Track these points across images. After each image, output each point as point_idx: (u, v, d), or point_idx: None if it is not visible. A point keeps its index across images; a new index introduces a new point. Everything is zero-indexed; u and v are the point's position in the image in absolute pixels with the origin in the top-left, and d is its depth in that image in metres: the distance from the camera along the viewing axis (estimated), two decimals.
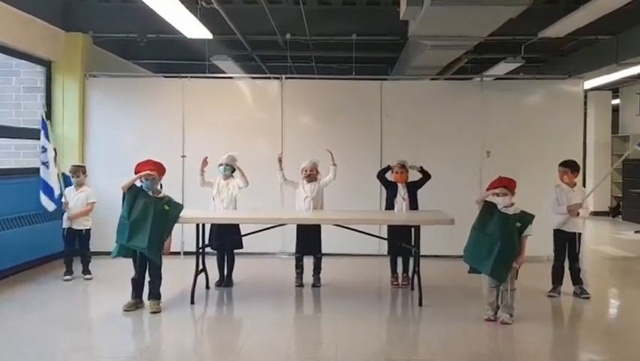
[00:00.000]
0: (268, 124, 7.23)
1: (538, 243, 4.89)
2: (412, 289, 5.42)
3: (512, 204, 4.46)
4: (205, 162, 5.50)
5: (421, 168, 5.53)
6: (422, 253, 5.06)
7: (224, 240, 5.49)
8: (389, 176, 5.66)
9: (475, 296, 5.06)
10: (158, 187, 4.83)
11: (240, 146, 6.89)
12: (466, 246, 4.51)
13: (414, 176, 5.68)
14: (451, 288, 5.57)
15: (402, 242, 5.31)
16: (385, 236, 5.76)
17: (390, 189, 5.61)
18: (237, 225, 5.52)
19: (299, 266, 5.65)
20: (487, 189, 4.53)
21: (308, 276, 5.66)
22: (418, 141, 7.12)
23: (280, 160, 5.48)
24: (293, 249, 5.71)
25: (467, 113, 7.15)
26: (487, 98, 7.13)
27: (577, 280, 5.26)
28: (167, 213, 4.70)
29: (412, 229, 5.36)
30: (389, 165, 5.63)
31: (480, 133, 7.12)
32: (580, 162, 5.58)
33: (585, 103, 10.07)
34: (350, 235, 5.49)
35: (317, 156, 5.81)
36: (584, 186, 9.18)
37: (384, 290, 5.62)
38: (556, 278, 5.29)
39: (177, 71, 7.57)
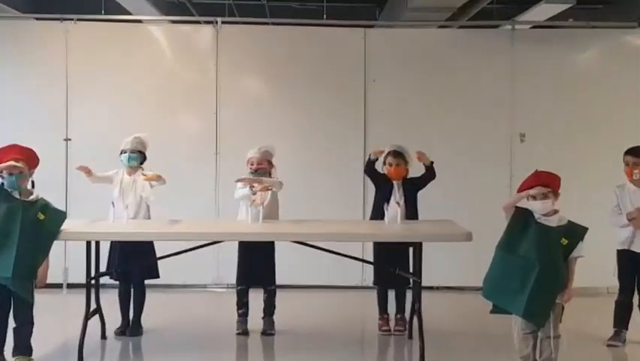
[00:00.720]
0: (196, 90, 7.24)
1: (594, 268, 4.99)
2: (410, 337, 5.43)
3: (556, 212, 4.51)
4: (87, 172, 5.50)
5: (432, 163, 5.58)
6: (425, 283, 5.07)
7: (131, 266, 5.46)
8: (380, 168, 5.72)
9: (502, 348, 5.09)
10: (28, 186, 4.76)
11: (153, 123, 6.91)
12: (489, 273, 4.55)
13: (416, 170, 5.70)
14: (466, 335, 5.58)
15: (395, 268, 5.34)
16: (371, 259, 5.78)
17: (382, 188, 5.66)
18: (150, 243, 5.48)
19: (242, 304, 5.64)
20: (520, 190, 4.58)
21: (256, 318, 5.65)
22: (418, 118, 7.19)
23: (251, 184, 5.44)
24: (233, 279, 5.73)
25: (492, 76, 7.23)
26: (521, 55, 7.21)
27: None
28: (43, 224, 4.62)
29: (411, 249, 5.35)
30: (372, 156, 5.63)
31: (510, 107, 7.23)
32: None
33: None
34: (319, 259, 5.50)
35: (272, 139, 5.81)
36: None
37: (369, 339, 5.60)
38: (621, 319, 5.39)
39: (58, 11, 7.43)
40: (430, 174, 5.60)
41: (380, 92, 7.22)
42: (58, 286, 6.89)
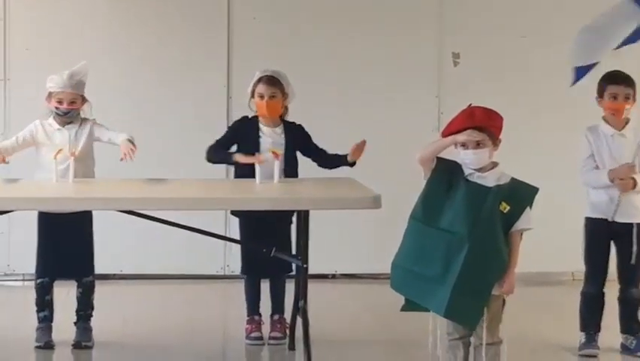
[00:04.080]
0: None
1: (554, 247, 5.11)
2: (292, 347, 5.53)
3: (494, 166, 4.57)
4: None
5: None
6: (313, 270, 5.14)
7: None
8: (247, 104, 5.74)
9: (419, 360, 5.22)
10: None
11: None
12: (399, 254, 4.58)
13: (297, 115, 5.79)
14: (370, 344, 5.68)
15: (271, 249, 5.34)
16: (236, 237, 5.81)
17: (246, 136, 5.66)
18: None
19: (45, 305, 5.59)
20: (444, 134, 4.61)
21: (67, 324, 5.61)
22: (301, 33, 7.41)
23: None
24: (31, 268, 5.69)
25: None
26: None
27: (631, 322, 5.51)
28: None
29: (292, 221, 5.41)
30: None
31: (438, 12, 7.41)
32: None
33: None
34: (160, 237, 5.44)
35: (88, 55, 5.74)
36: None
37: (232, 352, 5.68)
38: (591, 318, 5.52)
39: None
40: (340, 164, 5.67)
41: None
42: None
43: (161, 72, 7.33)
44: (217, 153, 5.71)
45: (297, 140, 5.69)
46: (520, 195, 4.50)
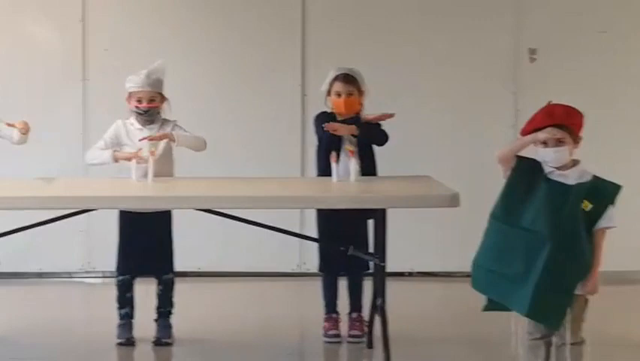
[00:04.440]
0: None
1: (637, 245, 5.05)
2: (371, 345, 5.51)
3: (575, 164, 4.53)
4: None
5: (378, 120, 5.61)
6: (389, 268, 5.14)
7: None
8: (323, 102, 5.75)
9: (501, 359, 5.19)
10: None
11: None
12: (480, 254, 4.57)
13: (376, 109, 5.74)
14: (449, 343, 5.67)
15: (348, 246, 5.35)
16: (314, 235, 5.82)
17: (325, 133, 5.64)
18: None
19: (126, 302, 5.66)
20: (524, 132, 4.59)
21: (147, 321, 5.67)
22: (375, 29, 7.33)
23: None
24: (110, 265, 5.78)
25: None
26: None
27: None
28: None
29: (370, 220, 5.40)
30: None
31: (514, 7, 7.35)
32: None
33: None
34: (238, 235, 5.49)
35: (166, 54, 5.85)
36: None
37: (310, 349, 5.70)
38: None
39: None
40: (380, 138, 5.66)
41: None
42: None
43: (236, 72, 7.32)
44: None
45: (369, 133, 5.67)
46: (603, 192, 4.45)
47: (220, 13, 7.37)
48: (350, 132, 5.50)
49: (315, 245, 5.91)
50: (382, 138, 5.67)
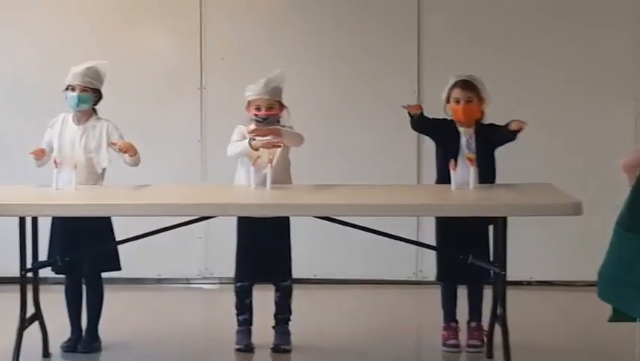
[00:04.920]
0: None
1: None
2: (491, 355, 5.46)
3: None
4: (41, 153, 5.57)
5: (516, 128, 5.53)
6: (510, 277, 5.11)
7: (81, 253, 5.51)
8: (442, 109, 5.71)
9: None
10: None
11: (105, 44, 7.13)
12: (606, 263, 4.48)
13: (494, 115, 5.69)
14: (572, 354, 5.59)
15: (468, 255, 5.32)
16: (432, 242, 5.79)
17: (444, 138, 5.64)
18: (108, 221, 5.54)
19: (244, 308, 5.71)
20: None
21: (264, 327, 5.70)
22: (493, 34, 7.31)
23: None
24: (227, 271, 5.85)
25: None
26: None
27: None
28: None
29: (489, 227, 5.37)
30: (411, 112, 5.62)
31: (633, 9, 7.23)
32: None
33: None
34: (354, 242, 5.49)
35: (280, 66, 5.80)
36: None
37: (429, 358, 5.68)
38: None
39: None
40: (511, 137, 5.58)
41: (441, 6, 7.35)
42: None
43: (352, 79, 7.32)
44: (417, 124, 5.71)
45: (489, 137, 5.63)
46: None
47: (334, 19, 7.37)
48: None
49: (431, 253, 5.90)
50: (507, 138, 5.60)
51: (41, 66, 7.20)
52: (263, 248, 5.59)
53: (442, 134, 5.67)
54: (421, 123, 5.68)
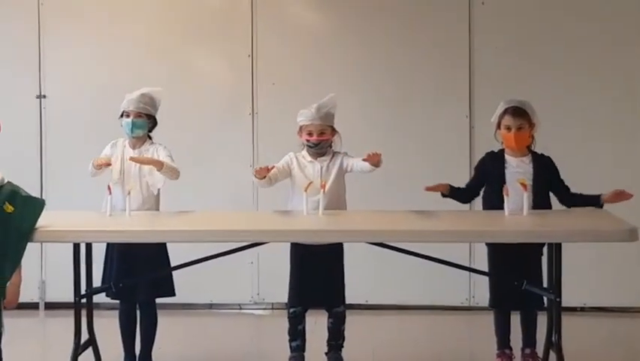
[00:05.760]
0: (221, 22, 7.49)
1: None
2: None
3: None
4: (107, 166, 5.63)
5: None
6: (565, 303, 5.07)
7: (136, 279, 5.56)
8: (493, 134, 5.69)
9: None
10: None
11: (158, 72, 7.20)
12: None
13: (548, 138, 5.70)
14: None
15: (521, 281, 5.29)
16: (484, 268, 5.76)
17: (490, 175, 5.64)
18: (163, 247, 5.59)
19: (297, 334, 5.69)
20: None
21: (316, 353, 5.70)
22: (544, 59, 7.26)
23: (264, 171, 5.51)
24: (278, 296, 5.93)
25: None
26: None
27: None
28: (10, 219, 4.65)
29: (543, 253, 5.35)
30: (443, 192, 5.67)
31: None
32: None
33: None
34: (406, 267, 5.49)
35: (332, 91, 5.80)
36: None
37: None
38: None
39: None
40: (588, 204, 5.55)
41: (494, 20, 7.32)
42: (33, 306, 7.04)
43: (403, 103, 7.33)
44: (462, 198, 5.75)
45: (547, 171, 5.61)
46: None
47: (385, 43, 7.37)
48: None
49: (484, 278, 5.86)
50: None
51: (96, 93, 7.29)
52: (316, 274, 5.58)
53: (487, 176, 5.68)
54: (465, 195, 5.73)
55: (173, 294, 5.70)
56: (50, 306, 7.10)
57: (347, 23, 7.43)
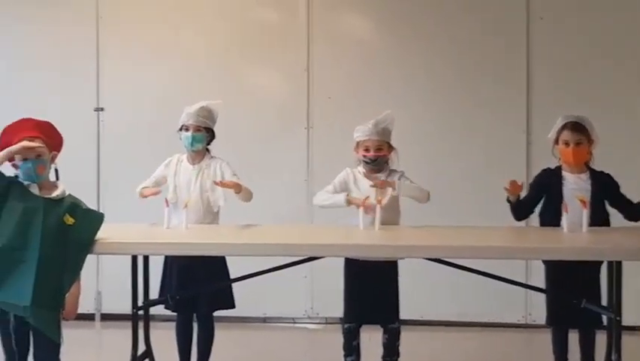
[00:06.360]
0: (276, 37, 7.57)
1: None
2: None
3: None
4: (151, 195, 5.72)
5: None
6: (625, 322, 4.98)
7: (195, 291, 5.60)
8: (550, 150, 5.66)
9: None
10: (51, 176, 4.83)
11: (213, 86, 7.29)
12: None
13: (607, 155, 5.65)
14: None
15: (581, 300, 5.27)
16: (541, 284, 5.72)
17: (548, 192, 5.63)
18: (222, 260, 5.63)
19: (352, 349, 5.70)
20: None
21: None
22: (603, 75, 7.25)
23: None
24: (332, 311, 5.96)
25: None
26: None
27: None
28: (72, 232, 4.71)
29: (602, 271, 5.30)
30: (510, 197, 5.63)
31: None
32: None
33: None
34: (461, 284, 5.47)
35: (387, 107, 5.81)
36: None
37: None
38: None
39: None
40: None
41: (550, 35, 7.32)
42: (89, 317, 7.14)
43: (460, 119, 7.36)
44: (518, 212, 5.69)
45: (606, 188, 5.56)
46: None
47: (441, 59, 7.40)
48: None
49: (541, 296, 5.82)
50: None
51: (153, 106, 7.40)
52: (371, 289, 5.58)
53: (544, 192, 5.66)
54: (522, 210, 5.69)
55: (232, 306, 5.73)
56: (105, 317, 7.17)
57: (403, 39, 7.46)
